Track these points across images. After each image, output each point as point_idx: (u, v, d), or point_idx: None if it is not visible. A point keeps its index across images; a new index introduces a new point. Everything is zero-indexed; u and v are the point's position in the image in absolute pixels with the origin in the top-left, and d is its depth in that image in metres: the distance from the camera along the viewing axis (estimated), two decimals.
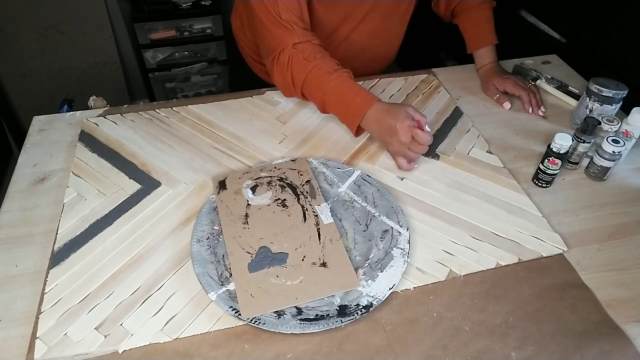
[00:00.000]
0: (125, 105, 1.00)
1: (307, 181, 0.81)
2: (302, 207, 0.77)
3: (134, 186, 0.82)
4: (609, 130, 0.87)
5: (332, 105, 0.88)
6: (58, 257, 0.70)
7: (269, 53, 0.89)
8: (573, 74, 1.16)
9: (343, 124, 0.95)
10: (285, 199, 0.78)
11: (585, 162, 0.89)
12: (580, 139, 0.85)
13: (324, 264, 0.68)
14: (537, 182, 0.85)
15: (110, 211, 0.77)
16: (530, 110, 1.01)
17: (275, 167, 0.84)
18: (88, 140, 0.91)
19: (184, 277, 0.68)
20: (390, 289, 0.66)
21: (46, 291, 0.65)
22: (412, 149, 0.81)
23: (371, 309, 0.63)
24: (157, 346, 0.60)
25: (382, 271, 0.68)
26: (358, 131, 0.88)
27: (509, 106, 1.03)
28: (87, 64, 2.01)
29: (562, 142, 0.79)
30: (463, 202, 0.81)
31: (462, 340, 0.62)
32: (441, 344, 0.61)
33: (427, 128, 0.81)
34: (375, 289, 0.66)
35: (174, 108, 0.99)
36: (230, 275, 0.67)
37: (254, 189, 0.80)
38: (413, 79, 1.10)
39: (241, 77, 1.17)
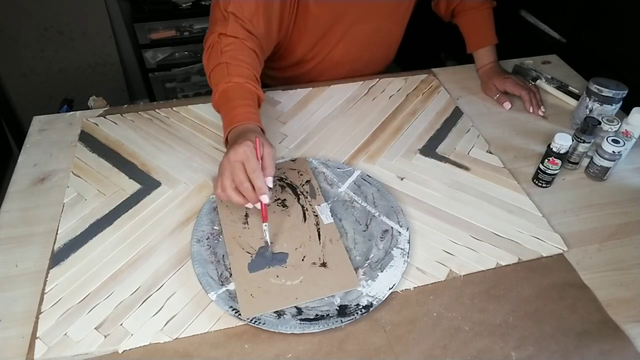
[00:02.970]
0: (125, 105, 1.00)
1: (307, 181, 0.81)
2: (302, 207, 0.77)
3: (134, 186, 0.81)
4: (609, 130, 0.87)
5: (218, 103, 0.78)
6: (58, 257, 0.70)
7: (206, 38, 0.83)
8: (573, 74, 1.16)
9: (343, 125, 0.96)
10: (285, 199, 0.78)
11: (585, 162, 0.89)
12: (580, 139, 0.85)
13: (324, 264, 0.68)
14: (537, 182, 0.85)
15: (110, 211, 0.77)
16: (531, 110, 1.01)
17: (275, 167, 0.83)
18: (88, 140, 0.91)
19: (184, 277, 0.68)
20: (390, 289, 0.66)
21: (46, 291, 0.65)
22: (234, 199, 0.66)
23: (371, 309, 0.63)
24: (157, 346, 0.60)
25: (382, 271, 0.68)
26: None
27: (510, 106, 1.03)
28: (87, 64, 2.01)
29: (562, 142, 0.79)
30: (463, 202, 0.81)
31: (462, 340, 0.62)
32: (441, 344, 0.61)
33: (269, 181, 0.67)
34: (375, 289, 0.66)
35: (174, 108, 0.99)
36: (230, 275, 0.67)
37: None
38: (413, 79, 1.10)
39: None
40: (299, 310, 0.63)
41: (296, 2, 0.89)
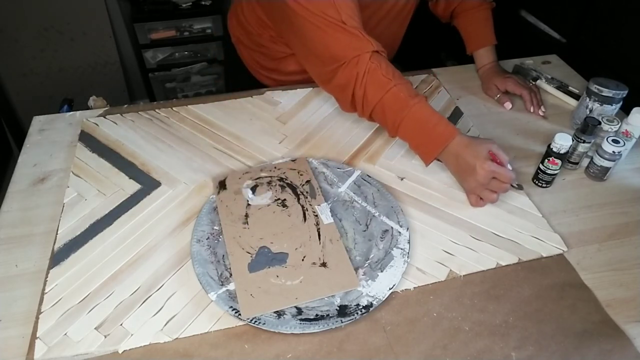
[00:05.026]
0: (125, 105, 1.00)
1: (307, 181, 0.81)
2: (302, 207, 0.77)
3: (134, 186, 0.81)
4: (609, 130, 0.87)
5: (407, 132, 0.81)
6: (58, 257, 0.70)
7: (331, 62, 0.80)
8: (573, 74, 1.16)
9: (343, 125, 0.95)
10: (285, 199, 0.78)
11: (585, 162, 0.88)
12: (580, 139, 0.85)
13: (324, 264, 0.68)
14: (537, 182, 0.85)
15: (110, 211, 0.77)
16: (531, 110, 1.01)
17: (275, 167, 0.84)
18: (88, 140, 0.91)
19: (184, 277, 0.68)
20: (390, 289, 0.66)
21: (46, 291, 0.65)
22: (492, 187, 0.76)
23: (371, 309, 0.63)
24: (157, 346, 0.60)
25: (382, 271, 0.68)
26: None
27: (510, 106, 1.03)
28: (87, 64, 2.01)
29: (562, 142, 0.79)
30: (463, 202, 0.81)
31: (462, 340, 0.62)
32: (441, 344, 0.61)
33: (509, 166, 0.76)
34: (375, 289, 0.66)
35: (174, 108, 0.99)
36: (230, 275, 0.67)
37: (254, 189, 0.80)
38: (413, 79, 1.10)
39: (240, 81, 1.16)
40: (299, 310, 0.63)
41: None
